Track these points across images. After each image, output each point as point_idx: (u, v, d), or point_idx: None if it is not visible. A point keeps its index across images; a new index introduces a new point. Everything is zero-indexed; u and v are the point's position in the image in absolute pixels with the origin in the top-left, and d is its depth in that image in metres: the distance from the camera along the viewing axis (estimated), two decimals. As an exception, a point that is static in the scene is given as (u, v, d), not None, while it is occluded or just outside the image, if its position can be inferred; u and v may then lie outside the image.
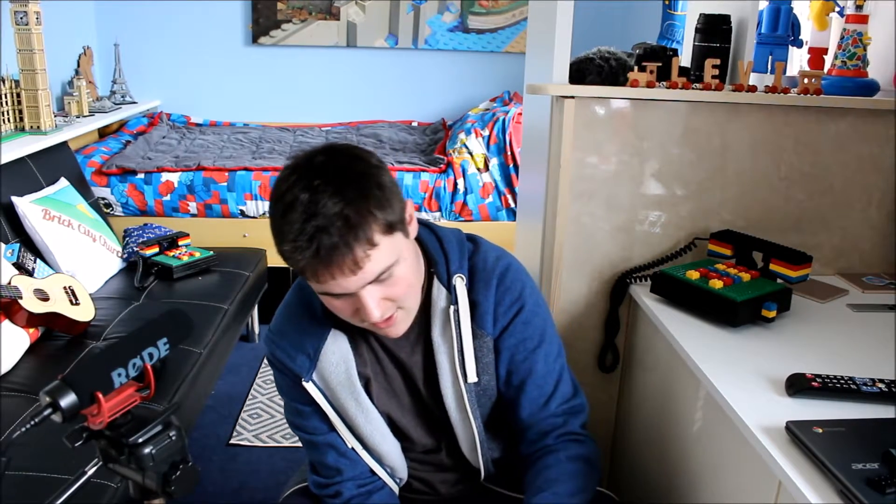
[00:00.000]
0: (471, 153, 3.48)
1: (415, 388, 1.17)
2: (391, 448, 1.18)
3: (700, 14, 1.73)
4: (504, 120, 3.52)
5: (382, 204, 0.95)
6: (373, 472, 1.19)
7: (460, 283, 1.11)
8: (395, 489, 1.23)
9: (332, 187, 0.92)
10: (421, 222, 1.12)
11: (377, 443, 1.16)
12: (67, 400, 0.74)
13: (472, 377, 1.11)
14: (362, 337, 1.14)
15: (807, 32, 1.87)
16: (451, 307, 1.10)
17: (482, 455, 1.18)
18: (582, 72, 1.60)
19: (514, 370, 1.14)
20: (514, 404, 1.16)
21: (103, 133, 3.94)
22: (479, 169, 3.45)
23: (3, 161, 2.44)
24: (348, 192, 0.92)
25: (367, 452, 1.18)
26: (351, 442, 1.16)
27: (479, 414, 1.15)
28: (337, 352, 1.12)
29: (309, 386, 1.12)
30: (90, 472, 0.80)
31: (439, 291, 1.11)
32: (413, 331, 1.12)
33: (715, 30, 1.70)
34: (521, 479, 1.17)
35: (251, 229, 3.37)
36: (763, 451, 0.98)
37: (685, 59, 1.90)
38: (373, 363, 1.16)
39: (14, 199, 2.38)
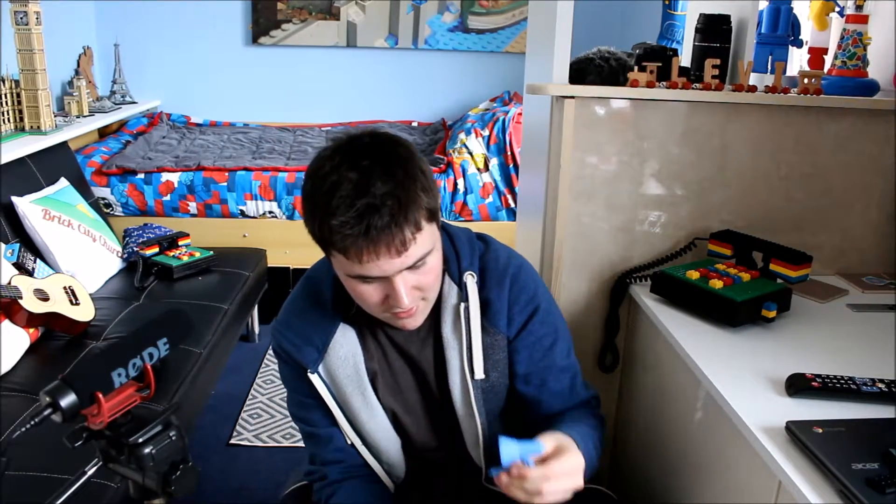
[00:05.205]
0: (471, 153, 3.48)
1: (423, 384, 1.18)
2: (391, 445, 1.18)
3: (700, 14, 1.73)
4: (504, 120, 3.51)
5: (426, 189, 0.96)
6: (367, 467, 1.20)
7: (471, 280, 1.11)
8: (391, 486, 1.23)
9: (381, 168, 0.92)
10: None
11: (378, 439, 1.17)
12: (67, 400, 0.74)
13: (480, 374, 1.12)
14: (371, 332, 1.15)
15: (807, 32, 1.87)
16: (462, 304, 1.11)
17: (484, 452, 1.18)
18: (582, 72, 1.60)
19: (533, 369, 1.15)
20: (537, 401, 1.17)
21: (103, 133, 3.94)
22: (479, 169, 3.45)
23: (3, 161, 2.44)
24: (398, 174, 0.93)
25: (366, 449, 1.18)
26: (351, 437, 1.17)
27: (485, 411, 1.15)
28: (346, 345, 1.12)
29: (314, 378, 1.12)
30: (90, 472, 0.80)
31: (450, 288, 1.11)
32: (423, 326, 1.12)
33: (715, 30, 1.70)
34: None
35: (251, 229, 3.37)
36: (763, 451, 0.98)
37: (685, 59, 1.90)
38: (380, 359, 1.16)
39: (14, 199, 2.38)
